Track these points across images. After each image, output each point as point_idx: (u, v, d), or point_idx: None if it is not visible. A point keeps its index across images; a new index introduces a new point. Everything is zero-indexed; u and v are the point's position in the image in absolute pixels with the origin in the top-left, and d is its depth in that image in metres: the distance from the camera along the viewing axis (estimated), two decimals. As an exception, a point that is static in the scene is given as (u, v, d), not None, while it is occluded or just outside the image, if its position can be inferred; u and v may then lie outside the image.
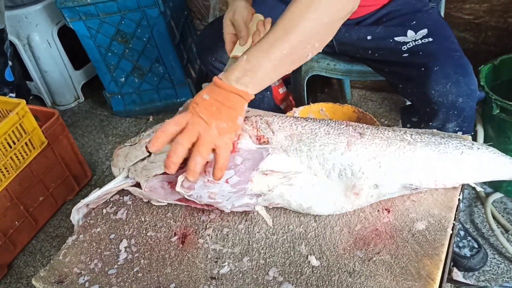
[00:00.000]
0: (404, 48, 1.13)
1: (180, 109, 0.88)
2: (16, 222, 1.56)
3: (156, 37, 1.88)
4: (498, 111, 1.31)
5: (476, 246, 1.32)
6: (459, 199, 0.85)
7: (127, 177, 0.94)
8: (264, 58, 0.77)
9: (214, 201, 0.83)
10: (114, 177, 1.00)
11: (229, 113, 0.77)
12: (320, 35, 0.81)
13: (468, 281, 1.29)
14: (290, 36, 0.77)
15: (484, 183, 1.54)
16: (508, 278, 1.29)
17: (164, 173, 0.83)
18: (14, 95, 1.91)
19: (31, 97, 2.33)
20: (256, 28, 1.02)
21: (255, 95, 0.80)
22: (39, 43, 2.16)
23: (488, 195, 1.49)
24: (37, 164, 1.58)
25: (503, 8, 1.60)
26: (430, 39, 1.11)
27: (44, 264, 1.57)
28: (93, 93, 2.40)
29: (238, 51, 1.00)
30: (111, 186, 0.94)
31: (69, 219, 1.69)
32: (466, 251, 1.31)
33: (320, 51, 0.84)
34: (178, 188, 0.80)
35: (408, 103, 1.36)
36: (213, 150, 0.76)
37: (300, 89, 1.48)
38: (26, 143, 1.49)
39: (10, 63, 1.91)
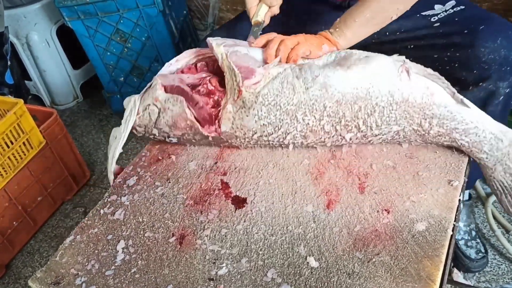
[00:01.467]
0: (434, 19, 1.10)
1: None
2: (14, 222, 1.55)
3: (155, 36, 1.87)
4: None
5: (482, 250, 1.31)
6: (459, 200, 0.84)
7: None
8: (351, 20, 0.97)
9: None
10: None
11: (317, 42, 0.96)
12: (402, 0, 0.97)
13: (468, 282, 1.28)
14: (372, 2, 0.95)
15: (485, 183, 1.53)
16: (509, 279, 1.28)
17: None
18: (12, 97, 1.90)
19: (30, 97, 2.32)
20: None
21: None
22: (38, 42, 2.15)
23: (488, 195, 1.48)
24: (35, 164, 1.57)
25: (504, 7, 1.59)
26: (462, 7, 1.08)
27: (43, 265, 1.55)
28: (92, 92, 2.39)
29: (259, 17, 1.07)
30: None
31: (68, 219, 1.70)
32: (472, 252, 1.30)
33: (404, 12, 0.98)
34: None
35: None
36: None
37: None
38: (24, 143, 1.48)
39: (9, 65, 1.91)
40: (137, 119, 0.98)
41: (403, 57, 0.91)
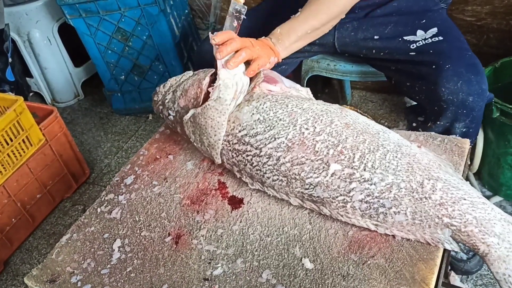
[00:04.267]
0: (413, 46, 1.13)
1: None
2: (13, 219, 1.56)
3: (156, 35, 1.87)
4: (498, 114, 1.29)
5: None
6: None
7: None
8: (292, 35, 1.04)
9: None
10: (113, 175, 1.03)
11: (266, 52, 1.01)
12: (339, 17, 1.10)
13: (465, 286, 1.28)
14: (313, 22, 1.05)
15: (484, 185, 1.53)
16: (506, 282, 1.28)
17: None
18: (13, 94, 1.90)
19: (31, 94, 2.33)
20: None
21: None
22: (39, 39, 2.15)
23: (487, 198, 1.48)
24: (34, 161, 1.57)
25: (505, 10, 1.58)
26: (441, 38, 1.10)
27: (41, 262, 1.57)
28: (93, 90, 2.39)
29: None
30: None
31: (67, 217, 1.70)
32: (462, 254, 1.30)
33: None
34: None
35: (412, 104, 1.35)
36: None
37: (299, 90, 1.47)
38: (23, 140, 1.49)
39: (10, 62, 1.91)
40: (170, 80, 1.03)
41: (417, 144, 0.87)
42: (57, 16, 2.14)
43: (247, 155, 0.87)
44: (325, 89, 2.04)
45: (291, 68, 1.38)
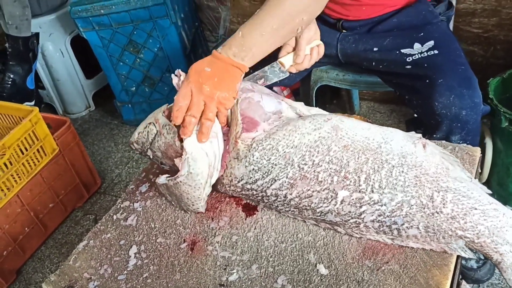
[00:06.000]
0: (409, 59, 1.14)
1: (177, 77, 0.91)
2: (26, 228, 1.58)
3: (167, 47, 1.90)
4: (506, 124, 1.30)
5: (482, 257, 1.31)
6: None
7: None
8: (257, 33, 0.85)
9: None
10: (123, 185, 1.02)
11: (229, 83, 0.85)
12: (309, 10, 0.89)
13: (477, 294, 1.28)
14: (278, 11, 0.85)
15: (493, 195, 1.53)
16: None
17: None
18: (32, 103, 1.94)
19: (42, 105, 2.36)
20: (310, 52, 1.02)
21: None
22: (53, 52, 2.19)
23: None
24: (48, 171, 1.60)
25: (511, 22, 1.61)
26: (436, 52, 1.12)
27: (53, 271, 1.58)
28: (103, 101, 2.43)
29: (286, 60, 1.01)
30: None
31: (78, 226, 1.71)
32: (473, 263, 1.31)
33: (309, 24, 0.91)
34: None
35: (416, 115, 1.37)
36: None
37: (309, 100, 1.49)
38: (38, 150, 1.51)
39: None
40: (136, 134, 0.95)
41: (420, 135, 0.85)
42: (69, 29, 2.18)
43: (256, 196, 0.88)
44: (334, 100, 2.06)
45: (299, 77, 1.40)
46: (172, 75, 0.88)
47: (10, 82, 1.95)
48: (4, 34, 1.96)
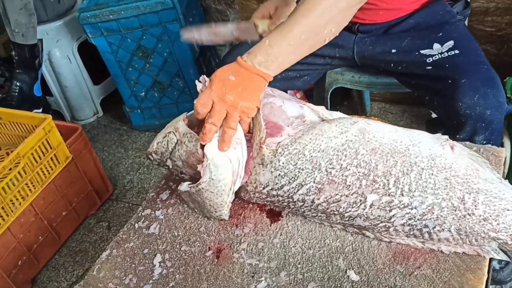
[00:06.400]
0: (429, 60, 1.13)
1: (201, 83, 0.87)
2: (40, 237, 1.57)
3: (177, 52, 1.90)
4: (525, 123, 1.30)
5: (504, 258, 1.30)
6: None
7: None
8: (284, 43, 0.83)
9: None
10: (136, 192, 0.99)
11: (253, 93, 0.84)
12: (336, 20, 0.86)
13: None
14: (307, 21, 0.83)
15: None
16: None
17: None
18: (40, 110, 1.93)
19: (50, 112, 2.35)
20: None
21: None
22: (60, 59, 2.18)
23: None
24: (61, 179, 1.59)
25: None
26: (457, 52, 1.11)
27: (68, 280, 1.58)
28: (111, 107, 2.42)
29: (261, 24, 1.07)
30: None
31: (92, 234, 1.70)
32: (495, 264, 1.29)
33: (337, 35, 0.88)
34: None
35: (433, 115, 1.35)
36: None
37: (323, 103, 1.48)
38: (51, 158, 1.50)
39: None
40: (155, 144, 0.93)
41: (447, 137, 0.84)
42: (77, 35, 2.18)
43: (282, 202, 0.86)
44: (345, 102, 2.05)
45: (314, 80, 1.39)
46: (197, 82, 0.87)
47: (17, 91, 1.94)
48: (9, 41, 1.96)
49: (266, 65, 0.83)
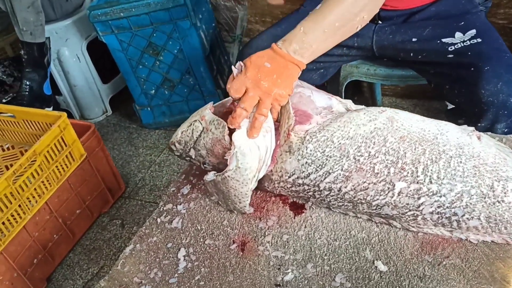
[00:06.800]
0: (451, 48, 1.13)
1: (237, 69, 0.87)
2: (55, 235, 1.57)
3: (187, 49, 1.89)
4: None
5: None
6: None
7: None
8: (319, 30, 0.84)
9: None
10: (148, 189, 0.98)
11: (287, 80, 0.85)
12: (368, 7, 0.88)
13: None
14: (340, 8, 0.84)
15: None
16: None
17: None
18: (50, 109, 1.93)
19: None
20: None
21: None
22: (69, 57, 2.18)
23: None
24: (74, 177, 1.58)
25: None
26: (479, 40, 1.10)
27: (83, 278, 1.57)
28: (120, 106, 2.42)
29: None
30: None
31: (105, 232, 1.70)
32: None
33: (368, 22, 0.89)
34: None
35: (449, 107, 1.35)
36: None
37: (338, 95, 1.48)
38: (66, 156, 1.50)
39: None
40: (179, 133, 0.93)
41: (473, 128, 0.84)
42: (85, 33, 2.18)
43: (307, 192, 0.86)
44: (355, 96, 2.04)
45: (330, 74, 1.38)
46: (233, 67, 0.87)
47: (27, 90, 1.94)
48: (17, 41, 1.95)
49: (300, 53, 0.84)
